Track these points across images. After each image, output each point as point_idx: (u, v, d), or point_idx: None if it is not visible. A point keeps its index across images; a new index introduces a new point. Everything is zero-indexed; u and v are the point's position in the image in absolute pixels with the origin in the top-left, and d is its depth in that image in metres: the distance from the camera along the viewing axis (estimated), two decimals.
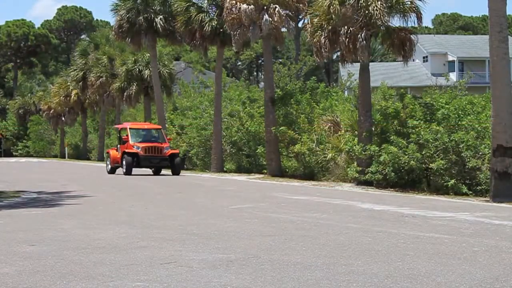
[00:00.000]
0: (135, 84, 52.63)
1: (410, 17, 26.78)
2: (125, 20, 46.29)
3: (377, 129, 27.58)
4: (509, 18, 74.53)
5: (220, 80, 41.86)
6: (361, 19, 26.50)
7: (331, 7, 26.47)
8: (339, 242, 11.61)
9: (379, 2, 25.76)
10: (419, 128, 24.67)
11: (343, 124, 31.60)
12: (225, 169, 39.86)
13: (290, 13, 34.75)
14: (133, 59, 52.87)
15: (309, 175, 31.63)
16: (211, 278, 8.73)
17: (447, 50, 76.26)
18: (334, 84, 60.66)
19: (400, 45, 27.24)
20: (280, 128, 33.18)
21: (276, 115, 34.69)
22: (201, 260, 9.98)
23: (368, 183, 26.34)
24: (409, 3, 26.76)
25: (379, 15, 25.67)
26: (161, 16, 45.65)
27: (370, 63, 29.14)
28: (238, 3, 33.95)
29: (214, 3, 40.36)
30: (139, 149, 36.08)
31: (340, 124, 31.74)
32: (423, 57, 76.48)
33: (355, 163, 27.28)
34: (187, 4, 39.99)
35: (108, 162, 38.94)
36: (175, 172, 36.43)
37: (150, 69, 49.89)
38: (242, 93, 44.31)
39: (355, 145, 27.01)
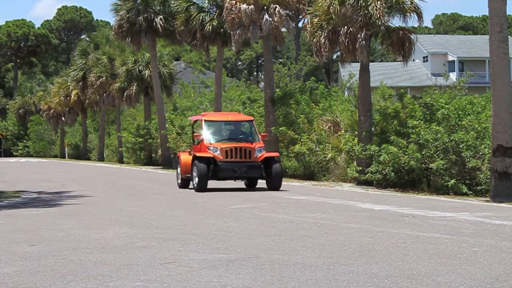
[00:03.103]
0: (135, 84, 52.61)
1: (410, 17, 26.78)
2: (125, 20, 46.27)
3: (377, 129, 27.58)
4: (509, 18, 74.55)
5: (220, 80, 41.85)
6: (360, 19, 26.49)
7: (331, 7, 26.47)
8: (339, 242, 11.61)
9: (378, 2, 25.76)
10: (419, 128, 24.66)
11: (343, 124, 31.60)
12: None
13: (290, 13, 34.74)
14: (133, 59, 52.85)
15: (309, 175, 31.62)
16: (211, 278, 8.73)
17: (447, 50, 76.27)
18: (334, 84, 60.66)
19: (400, 45, 27.24)
20: (280, 128, 33.17)
21: (276, 115, 34.68)
22: (201, 260, 9.99)
23: (368, 183, 26.34)
24: (409, 3, 26.75)
25: (378, 15, 25.67)
26: (161, 16, 45.63)
27: (370, 63, 29.13)
28: (238, 3, 33.94)
29: (214, 3, 40.34)
30: (217, 152, 24.20)
31: (340, 124, 31.74)
32: (423, 57, 76.49)
33: (355, 163, 27.29)
34: (188, 4, 39.98)
35: (178, 171, 26.44)
36: (274, 185, 24.36)
37: (150, 69, 49.86)
38: (242, 93, 44.31)
39: (355, 145, 27.02)
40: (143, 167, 49.13)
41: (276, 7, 33.38)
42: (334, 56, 76.37)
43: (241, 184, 26.19)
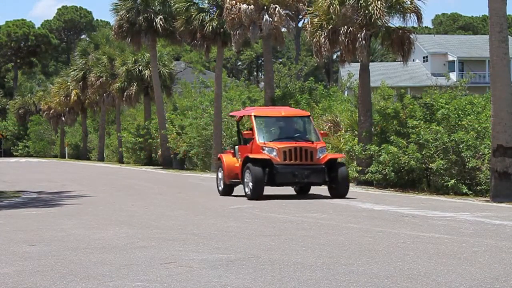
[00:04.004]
0: (135, 84, 52.62)
1: (410, 17, 26.80)
2: (125, 20, 46.28)
3: (377, 129, 27.58)
4: (509, 18, 74.50)
5: (220, 80, 41.85)
6: (360, 19, 26.50)
7: (331, 7, 26.47)
8: (339, 242, 11.61)
9: (379, 2, 25.77)
10: (419, 128, 24.66)
11: (343, 124, 31.59)
12: None
13: (290, 13, 34.77)
14: (133, 59, 52.86)
15: None
16: (211, 278, 8.73)
17: (447, 50, 76.26)
18: (334, 84, 60.65)
19: (400, 45, 27.25)
20: None
21: None
22: (201, 260, 9.99)
23: (368, 183, 26.35)
24: (409, 3, 26.78)
25: (379, 15, 25.68)
26: (161, 16, 45.63)
27: (370, 63, 29.14)
28: (238, 3, 33.95)
29: (214, 3, 40.34)
30: (274, 153, 20.65)
31: (340, 124, 31.73)
32: (423, 57, 76.49)
33: (355, 163, 27.28)
34: (188, 4, 39.99)
35: (220, 176, 22.61)
36: (340, 192, 20.79)
37: (150, 69, 49.87)
38: (242, 93, 44.30)
39: (355, 145, 27.01)
40: (143, 167, 49.14)
41: (276, 7, 33.40)
42: (334, 56, 76.35)
43: (285, 190, 22.63)
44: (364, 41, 26.40)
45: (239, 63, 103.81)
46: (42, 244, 11.78)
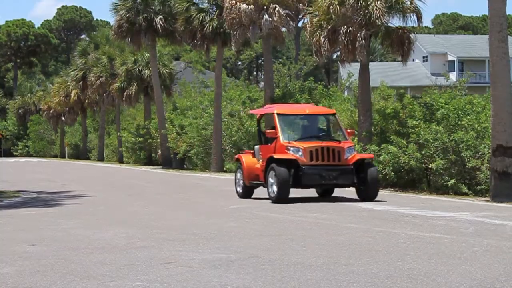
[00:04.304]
0: (135, 84, 52.62)
1: (410, 17, 26.82)
2: (125, 20, 46.27)
3: (377, 129, 27.58)
4: (509, 18, 74.49)
5: (220, 80, 41.85)
6: (360, 18, 26.50)
7: (331, 7, 26.47)
8: (339, 242, 11.61)
9: (378, 2, 25.77)
10: (419, 128, 24.66)
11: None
12: (225, 168, 39.84)
13: (290, 13, 34.75)
14: (133, 59, 52.87)
15: None
16: (211, 278, 8.73)
17: (447, 50, 76.26)
18: (334, 84, 60.65)
19: (399, 45, 27.27)
20: None
21: None
22: (201, 260, 9.99)
23: None
24: (408, 3, 26.78)
25: (378, 15, 25.68)
26: (161, 16, 45.64)
27: (370, 63, 29.14)
28: (238, 3, 33.94)
29: (214, 3, 40.33)
30: (299, 153, 19.46)
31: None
32: (423, 57, 76.48)
33: None
34: (188, 4, 39.98)
35: (239, 177, 21.49)
36: (369, 195, 19.62)
37: (150, 69, 49.88)
38: (242, 93, 44.29)
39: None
40: (143, 167, 49.15)
41: (275, 7, 33.39)
42: (334, 56, 76.40)
43: (303, 192, 21.66)
44: (363, 41, 26.40)
45: (239, 63, 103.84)
46: (42, 244, 11.78)
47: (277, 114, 20.39)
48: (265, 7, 33.76)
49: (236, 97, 43.15)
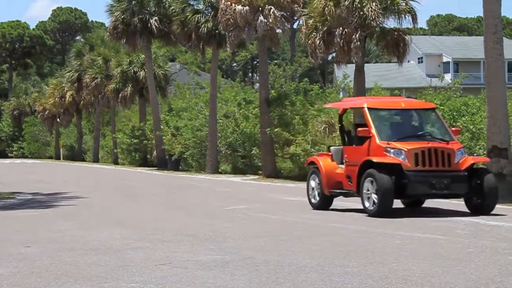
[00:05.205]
0: (130, 85, 52.57)
1: (405, 18, 26.85)
2: (120, 21, 46.22)
3: None
4: (504, 19, 74.66)
5: (215, 81, 41.81)
6: (355, 20, 26.53)
7: (326, 8, 26.50)
8: (335, 243, 11.60)
9: (373, 3, 25.80)
10: None
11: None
12: (220, 170, 39.82)
13: (285, 14, 34.70)
14: (128, 60, 52.82)
15: (304, 176, 31.48)
16: (206, 279, 8.72)
17: (442, 51, 76.33)
18: (329, 85, 60.64)
19: (395, 46, 27.31)
20: (275, 130, 33.14)
21: (271, 116, 34.64)
22: (196, 261, 9.98)
23: None
24: (403, 4, 26.82)
25: (373, 16, 25.72)
26: (156, 17, 45.59)
27: (365, 65, 29.18)
28: (233, 4, 33.90)
29: (209, 4, 40.30)
30: (402, 156, 15.85)
31: (335, 125, 31.70)
32: (418, 58, 76.54)
33: None
34: (183, 5, 39.96)
35: (313, 185, 17.93)
36: (486, 207, 16.09)
37: (145, 70, 49.83)
38: (237, 94, 44.27)
39: None
40: (138, 168, 49.12)
41: (271, 8, 33.35)
42: (329, 57, 76.40)
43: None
44: (359, 42, 26.43)
45: (234, 64, 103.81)
46: (37, 245, 11.76)
47: (368, 108, 16.80)
48: (260, 9, 33.72)
49: (231, 99, 43.11)
